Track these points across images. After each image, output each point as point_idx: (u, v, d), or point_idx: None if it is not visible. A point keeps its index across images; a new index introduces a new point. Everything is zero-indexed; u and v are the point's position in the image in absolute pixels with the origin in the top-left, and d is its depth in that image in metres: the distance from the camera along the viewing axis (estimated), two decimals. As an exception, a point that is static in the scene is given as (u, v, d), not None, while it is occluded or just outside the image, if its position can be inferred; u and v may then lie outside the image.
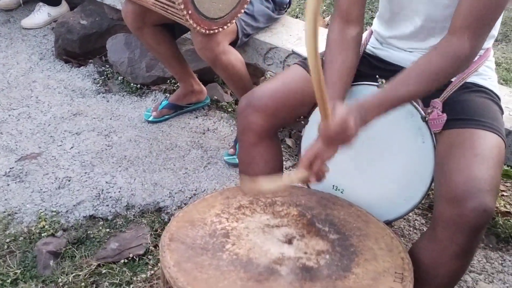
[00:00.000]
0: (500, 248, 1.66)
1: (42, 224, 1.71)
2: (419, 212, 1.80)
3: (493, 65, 1.34)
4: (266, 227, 1.14)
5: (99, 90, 2.52)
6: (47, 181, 1.92)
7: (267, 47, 1.95)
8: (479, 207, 1.02)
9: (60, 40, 2.68)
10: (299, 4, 3.53)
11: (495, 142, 1.15)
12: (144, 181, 1.93)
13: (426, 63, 1.11)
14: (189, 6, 1.60)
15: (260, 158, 1.36)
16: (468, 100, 1.23)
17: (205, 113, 2.35)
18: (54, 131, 2.19)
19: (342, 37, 1.26)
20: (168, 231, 1.09)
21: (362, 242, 1.12)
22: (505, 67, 2.75)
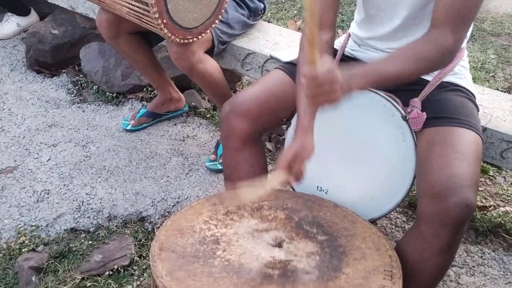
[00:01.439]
0: (479, 242, 1.71)
1: (22, 239, 1.67)
2: (400, 210, 1.84)
3: (467, 65, 1.39)
4: (255, 231, 1.14)
5: (74, 100, 2.48)
6: (25, 195, 1.87)
7: (245, 53, 1.96)
8: (461, 202, 1.05)
9: (32, 50, 2.63)
10: (270, 9, 3.56)
11: (473, 139, 1.18)
12: (125, 191, 1.91)
13: (413, 47, 1.13)
14: (164, 15, 1.60)
15: (245, 163, 1.37)
16: (446, 99, 1.27)
17: (183, 120, 2.34)
18: (29, 144, 2.14)
19: None
20: (157, 241, 1.08)
21: (350, 242, 1.13)
22: (473, 66, 2.84)
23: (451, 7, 1.10)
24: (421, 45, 1.13)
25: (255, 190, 1.11)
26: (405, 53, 1.13)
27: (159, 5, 1.56)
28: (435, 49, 1.12)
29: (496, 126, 1.47)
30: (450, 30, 1.11)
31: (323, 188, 1.39)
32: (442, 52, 1.12)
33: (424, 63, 1.12)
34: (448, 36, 1.11)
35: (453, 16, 1.10)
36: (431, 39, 1.12)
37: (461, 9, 1.10)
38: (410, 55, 1.12)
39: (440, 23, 1.12)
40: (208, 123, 2.31)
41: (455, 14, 1.10)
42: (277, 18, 3.44)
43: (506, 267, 1.60)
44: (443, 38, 1.11)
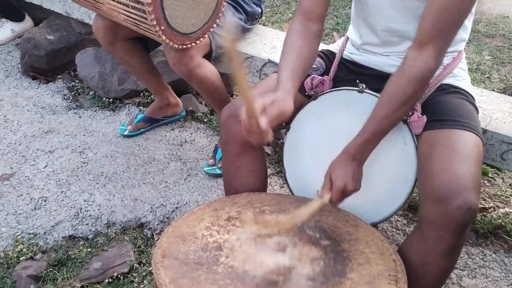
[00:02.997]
0: (480, 244, 1.71)
1: (20, 247, 1.65)
2: (400, 213, 1.84)
3: (465, 67, 1.39)
4: (258, 237, 1.13)
5: (70, 106, 2.46)
6: (22, 203, 1.85)
7: (243, 57, 1.95)
8: (464, 205, 1.05)
9: (27, 56, 2.61)
10: (265, 12, 3.56)
11: (474, 141, 1.18)
12: (124, 197, 1.89)
13: (396, 92, 1.14)
14: (161, 22, 1.59)
15: (245, 168, 1.36)
16: (446, 101, 1.27)
17: (181, 124, 2.33)
18: (25, 151, 2.12)
19: (303, 28, 1.27)
20: (159, 248, 1.07)
21: (354, 247, 1.13)
22: (468, 67, 2.80)
23: (437, 24, 1.09)
24: (404, 84, 1.12)
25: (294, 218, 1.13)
26: (391, 100, 1.14)
27: (157, 12, 1.56)
28: (419, 82, 1.12)
29: (496, 128, 1.48)
30: (433, 49, 1.10)
31: (324, 192, 1.39)
32: (426, 78, 1.13)
33: (411, 101, 1.15)
34: (431, 58, 1.10)
35: (438, 32, 1.09)
36: (413, 71, 1.11)
37: (447, 24, 1.09)
38: (397, 102, 1.13)
39: (424, 41, 1.10)
40: (205, 128, 2.31)
41: (440, 31, 1.09)
42: (272, 21, 3.44)
43: (507, 268, 1.60)
44: (425, 62, 1.10)
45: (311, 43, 1.27)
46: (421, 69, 1.11)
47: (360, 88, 1.30)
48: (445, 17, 1.09)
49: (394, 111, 1.14)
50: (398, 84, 1.14)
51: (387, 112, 1.15)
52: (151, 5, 1.53)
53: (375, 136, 1.17)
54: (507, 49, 3.12)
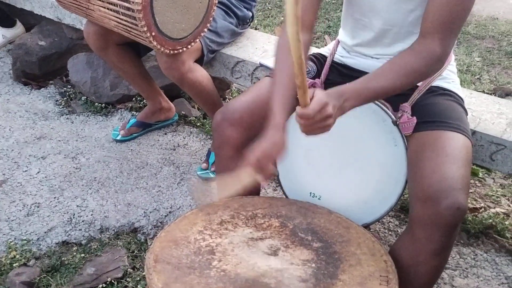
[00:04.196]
0: (471, 244, 1.73)
1: (13, 254, 1.64)
2: (392, 214, 1.85)
3: (455, 69, 1.41)
4: (250, 240, 1.14)
5: (62, 111, 2.46)
6: (15, 209, 1.85)
7: (234, 61, 1.96)
8: (453, 205, 1.06)
9: (18, 62, 2.61)
10: (256, 16, 3.58)
11: (463, 142, 1.20)
12: (117, 202, 1.89)
13: (401, 60, 1.14)
14: (152, 28, 1.60)
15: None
16: (435, 103, 1.28)
17: (174, 129, 2.33)
18: (18, 157, 2.12)
19: None
20: (152, 252, 1.07)
21: (345, 248, 1.14)
22: (459, 69, 2.88)
23: (439, 17, 1.11)
24: (410, 58, 1.13)
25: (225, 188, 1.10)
26: (395, 67, 1.13)
27: (147, 18, 1.56)
28: (424, 61, 1.13)
29: (484, 129, 1.49)
30: (438, 40, 1.12)
31: (316, 195, 1.40)
32: (431, 62, 1.13)
33: (414, 75, 1.14)
34: (437, 46, 1.12)
35: (441, 25, 1.11)
36: (420, 50, 1.13)
37: (449, 18, 1.11)
38: (400, 69, 1.13)
39: (429, 32, 1.13)
40: (198, 132, 2.31)
41: (444, 23, 1.11)
42: (264, 25, 3.46)
43: (498, 268, 1.62)
44: (432, 48, 1.12)
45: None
46: (428, 51, 1.12)
47: (350, 91, 1.31)
48: (447, 10, 1.11)
49: (395, 77, 1.12)
50: (404, 56, 1.14)
51: (388, 76, 1.12)
52: (141, 11, 1.54)
53: (365, 91, 1.11)
54: (497, 51, 3.16)
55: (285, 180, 1.45)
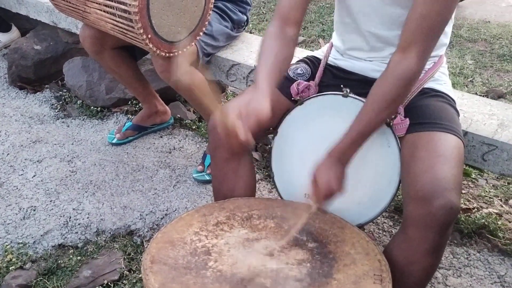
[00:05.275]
0: (465, 244, 1.74)
1: (9, 257, 1.65)
2: (386, 215, 1.87)
3: (446, 71, 1.43)
4: (246, 241, 1.15)
5: (58, 115, 2.47)
6: (11, 212, 1.85)
7: (230, 64, 1.98)
8: (446, 205, 1.08)
9: (14, 66, 2.61)
10: (251, 19, 3.60)
11: (454, 143, 1.21)
12: (113, 205, 1.90)
13: (380, 93, 1.16)
14: (148, 30, 1.61)
15: (233, 174, 1.38)
16: (428, 105, 1.30)
17: (169, 132, 2.34)
18: (14, 160, 2.12)
19: (279, 32, 1.29)
20: (148, 253, 1.08)
21: (340, 248, 1.15)
22: (452, 71, 2.91)
23: (419, 30, 1.12)
24: (388, 86, 1.15)
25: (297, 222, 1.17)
26: (375, 103, 1.17)
27: (143, 21, 1.58)
28: (402, 83, 1.14)
29: (476, 129, 1.51)
30: (416, 54, 1.12)
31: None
32: (408, 81, 1.15)
33: (396, 103, 1.18)
34: (414, 62, 1.13)
35: (420, 37, 1.12)
36: (397, 72, 1.14)
37: (429, 29, 1.12)
38: (380, 103, 1.16)
39: (408, 46, 1.13)
40: (194, 135, 2.32)
41: (422, 36, 1.12)
42: (259, 28, 3.48)
43: (491, 267, 1.64)
44: (409, 65, 1.13)
45: (287, 47, 1.29)
46: (405, 72, 1.14)
47: (344, 93, 1.33)
48: (427, 22, 1.12)
49: (378, 113, 1.17)
50: (382, 87, 1.17)
51: (372, 114, 1.17)
52: (138, 13, 1.55)
53: (359, 138, 1.19)
54: (489, 53, 3.19)
55: (280, 182, 1.47)
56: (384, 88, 1.16)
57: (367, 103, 1.19)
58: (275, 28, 1.29)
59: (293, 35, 1.31)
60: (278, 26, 1.29)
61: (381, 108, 1.16)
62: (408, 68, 1.13)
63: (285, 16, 1.30)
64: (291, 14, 1.30)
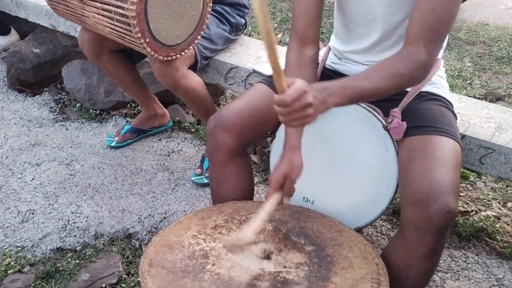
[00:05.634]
0: (463, 247, 1.75)
1: (7, 260, 1.65)
2: (384, 218, 1.87)
3: (444, 74, 1.44)
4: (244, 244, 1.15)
5: (56, 118, 2.47)
6: (9, 216, 1.85)
7: (228, 67, 1.98)
8: (443, 208, 1.08)
9: (13, 69, 2.62)
10: (250, 23, 3.60)
11: (452, 147, 1.22)
12: (112, 208, 1.90)
13: (387, 63, 1.15)
14: (146, 34, 1.61)
15: (231, 176, 1.38)
16: (425, 108, 1.30)
17: (168, 135, 2.34)
18: (12, 164, 2.12)
19: (299, 57, 1.31)
20: (146, 257, 1.08)
21: (337, 251, 1.15)
22: (450, 74, 2.91)
23: (424, 23, 1.13)
24: (396, 62, 1.14)
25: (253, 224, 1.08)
26: (380, 69, 1.14)
27: (141, 25, 1.58)
28: (410, 65, 1.13)
29: (474, 133, 1.52)
30: (423, 46, 1.13)
31: (309, 199, 1.42)
32: (417, 68, 1.14)
33: (399, 79, 1.13)
34: (422, 52, 1.13)
35: (426, 32, 1.13)
36: (406, 55, 1.14)
37: (434, 25, 1.13)
38: (385, 72, 1.13)
39: (414, 39, 1.14)
40: (192, 138, 2.33)
41: (429, 30, 1.13)
42: (258, 31, 3.48)
43: (489, 270, 1.64)
44: (417, 54, 1.13)
45: (309, 72, 1.30)
46: (414, 58, 1.13)
47: (341, 96, 1.33)
48: (432, 17, 1.13)
49: (378, 79, 1.11)
50: (390, 59, 1.15)
51: (372, 77, 1.12)
52: (135, 17, 1.55)
53: (349, 91, 1.08)
54: (488, 56, 3.20)
55: (279, 185, 1.47)
56: (393, 62, 1.14)
57: (371, 68, 1.15)
58: (294, 54, 1.30)
59: (313, 55, 1.32)
60: (297, 50, 1.30)
61: (383, 76, 1.11)
62: (418, 55, 1.13)
63: (302, 36, 1.30)
64: (308, 32, 1.30)
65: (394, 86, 1.14)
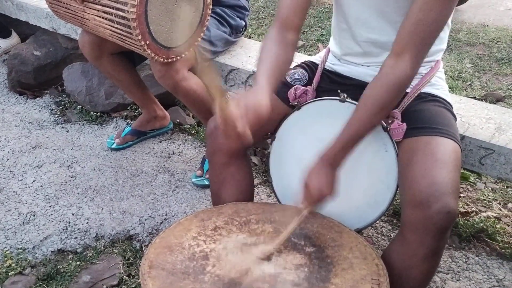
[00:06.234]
0: (463, 247, 1.75)
1: (9, 262, 1.65)
2: (385, 219, 1.87)
3: (443, 76, 1.44)
4: (244, 246, 1.16)
5: (57, 120, 2.47)
6: (10, 218, 1.85)
7: (228, 69, 1.99)
8: (443, 209, 1.08)
9: (14, 72, 2.62)
10: (250, 24, 3.61)
11: (452, 147, 1.22)
12: (112, 209, 1.90)
13: (373, 98, 1.17)
14: (146, 36, 1.62)
15: (232, 178, 1.38)
16: (424, 109, 1.30)
17: (168, 136, 2.35)
18: (13, 166, 2.13)
19: (279, 36, 1.30)
20: (147, 259, 1.08)
21: (338, 253, 1.15)
22: (450, 75, 2.92)
23: (415, 36, 1.12)
24: (382, 92, 1.15)
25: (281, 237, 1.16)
26: (367, 107, 1.17)
27: (141, 27, 1.59)
28: (395, 89, 1.15)
29: (473, 134, 1.52)
30: (410, 59, 1.13)
31: (309, 201, 1.41)
32: (401, 87, 1.16)
33: (388, 108, 1.19)
34: (408, 66, 1.13)
35: (415, 45, 1.13)
36: (390, 79, 1.14)
37: (423, 35, 1.13)
38: (373, 107, 1.16)
39: (402, 51, 1.13)
40: (193, 139, 2.33)
41: (418, 43, 1.13)
42: (258, 33, 3.49)
43: (490, 271, 1.64)
44: (403, 68, 1.13)
45: (287, 51, 1.29)
46: (398, 76, 1.14)
47: (341, 98, 1.33)
48: (421, 28, 1.12)
49: (370, 117, 1.17)
50: (375, 91, 1.17)
51: (364, 118, 1.18)
52: (136, 20, 1.56)
53: (350, 142, 1.19)
54: (487, 57, 3.20)
55: (279, 187, 1.47)
56: (377, 93, 1.17)
57: (359, 107, 1.19)
58: (275, 33, 1.30)
59: (293, 40, 1.32)
60: (278, 31, 1.30)
61: (373, 113, 1.17)
62: (402, 74, 1.14)
63: (285, 21, 1.30)
64: (291, 19, 1.31)
65: (385, 115, 1.22)
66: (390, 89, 1.15)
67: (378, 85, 1.17)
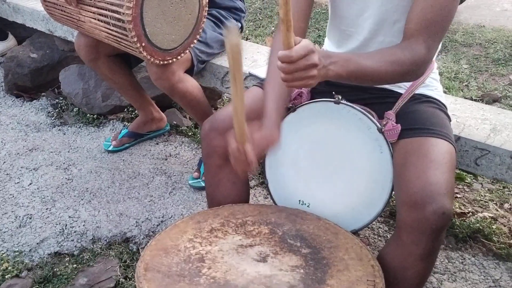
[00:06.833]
0: (460, 248, 1.75)
1: (5, 265, 1.65)
2: (381, 220, 1.87)
3: (437, 77, 1.44)
4: (240, 247, 1.16)
5: (54, 123, 2.47)
6: (7, 221, 1.85)
7: (224, 71, 1.99)
8: (438, 210, 1.08)
9: (10, 74, 2.62)
10: (248, 26, 3.62)
11: (446, 148, 1.22)
12: (109, 212, 1.90)
13: (390, 51, 1.15)
14: (142, 38, 1.62)
15: (227, 180, 1.38)
16: (419, 111, 1.31)
17: (165, 138, 2.35)
18: (10, 168, 2.13)
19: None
20: (142, 261, 1.09)
21: (333, 254, 1.16)
22: (447, 76, 2.92)
23: (423, 18, 1.14)
24: (397, 50, 1.15)
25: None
26: (383, 54, 1.15)
27: (137, 29, 1.59)
28: (410, 56, 1.14)
29: (469, 134, 1.52)
30: (423, 42, 1.14)
31: (305, 202, 1.42)
32: (415, 60, 1.15)
33: (399, 68, 1.13)
34: (421, 46, 1.14)
35: (426, 28, 1.14)
36: (406, 47, 1.15)
37: (433, 22, 1.14)
38: (388, 57, 1.13)
39: (413, 34, 1.15)
40: (190, 141, 2.33)
41: (428, 26, 1.14)
42: (255, 35, 3.50)
43: (486, 271, 1.64)
44: (417, 48, 1.14)
45: None
46: (413, 49, 1.14)
47: (336, 100, 1.33)
48: (431, 13, 1.14)
49: (379, 61, 1.12)
50: (391, 48, 1.16)
51: (374, 57, 1.13)
52: (131, 22, 1.56)
53: (352, 61, 1.08)
54: (484, 58, 3.20)
55: (274, 189, 1.47)
56: (393, 50, 1.14)
57: (372, 51, 1.16)
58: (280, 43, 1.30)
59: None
60: None
61: (384, 60, 1.11)
62: (417, 49, 1.13)
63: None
64: (296, 24, 1.30)
65: (393, 74, 1.14)
66: (405, 52, 1.13)
67: (395, 47, 1.16)
